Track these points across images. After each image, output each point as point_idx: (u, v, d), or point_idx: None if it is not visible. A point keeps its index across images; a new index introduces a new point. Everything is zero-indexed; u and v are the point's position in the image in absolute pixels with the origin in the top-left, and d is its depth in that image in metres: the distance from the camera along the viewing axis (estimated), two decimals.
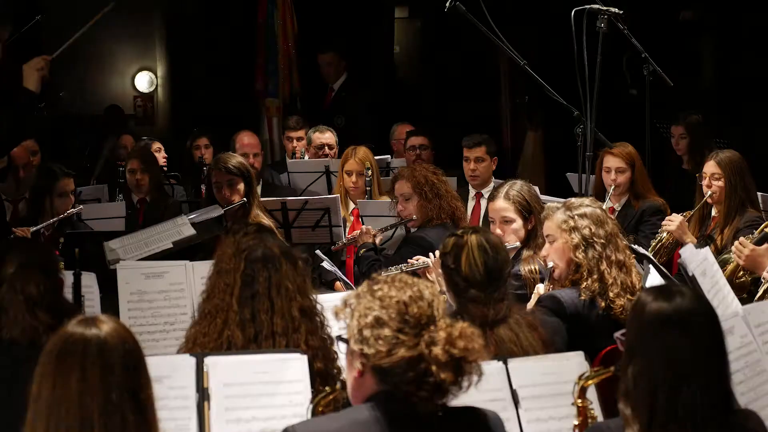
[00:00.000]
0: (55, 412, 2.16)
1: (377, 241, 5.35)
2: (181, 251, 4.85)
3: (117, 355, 2.20)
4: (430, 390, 2.29)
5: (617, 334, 2.70)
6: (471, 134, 6.38)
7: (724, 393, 2.41)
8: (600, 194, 5.61)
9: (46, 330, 3.04)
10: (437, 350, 2.28)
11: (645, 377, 2.38)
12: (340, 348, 2.43)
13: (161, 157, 7.45)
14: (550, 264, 3.81)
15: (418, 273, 4.50)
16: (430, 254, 4.43)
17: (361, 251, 5.22)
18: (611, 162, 5.63)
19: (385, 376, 2.30)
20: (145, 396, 2.24)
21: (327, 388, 2.63)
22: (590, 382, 2.78)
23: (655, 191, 5.74)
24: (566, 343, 3.54)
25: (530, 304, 3.83)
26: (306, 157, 7.60)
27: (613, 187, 5.60)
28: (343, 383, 2.50)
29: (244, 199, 5.15)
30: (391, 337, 2.29)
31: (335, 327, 3.36)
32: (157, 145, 7.54)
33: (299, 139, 7.75)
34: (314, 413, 2.59)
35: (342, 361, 3.20)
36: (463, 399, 2.37)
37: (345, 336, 2.39)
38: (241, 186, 5.18)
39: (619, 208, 5.68)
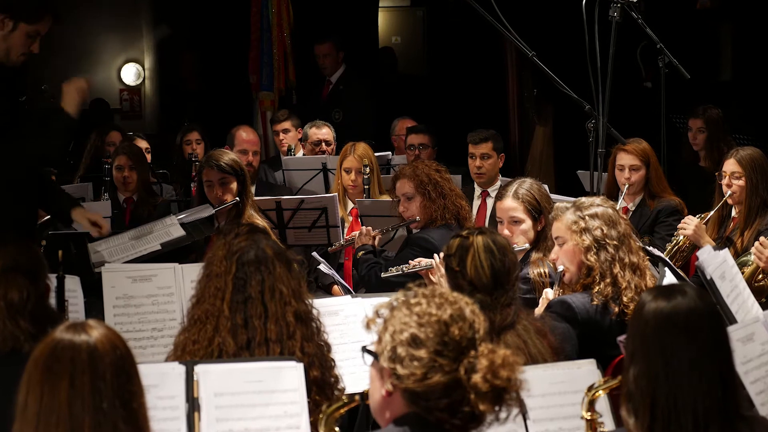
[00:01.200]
0: (43, 422, 2.16)
1: (376, 242, 5.34)
2: (170, 253, 4.84)
3: (108, 362, 2.21)
4: (464, 419, 2.23)
5: (620, 339, 2.70)
6: (476, 129, 6.39)
7: (728, 397, 2.41)
8: (613, 193, 5.60)
9: (28, 339, 3.03)
10: (477, 378, 2.22)
11: (645, 380, 2.40)
12: (365, 360, 2.34)
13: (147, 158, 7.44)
14: (560, 267, 3.81)
15: (420, 275, 4.50)
16: (435, 255, 4.42)
17: (359, 254, 5.22)
18: (625, 159, 5.62)
19: (417, 399, 2.24)
20: (138, 405, 2.24)
21: (344, 397, 2.53)
22: (598, 393, 2.78)
23: (671, 190, 5.73)
24: (577, 351, 3.54)
25: (539, 310, 3.83)
26: (300, 152, 7.60)
27: (626, 185, 5.59)
28: (363, 395, 2.43)
29: (237, 198, 5.15)
30: (427, 360, 2.22)
31: (333, 333, 3.38)
32: (143, 144, 7.54)
33: (285, 131, 7.75)
34: (327, 424, 2.51)
35: (340, 369, 3.21)
36: None
37: (371, 347, 2.31)
38: (234, 185, 5.18)
39: (633, 208, 5.67)
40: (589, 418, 2.77)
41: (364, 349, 2.34)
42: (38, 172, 4.70)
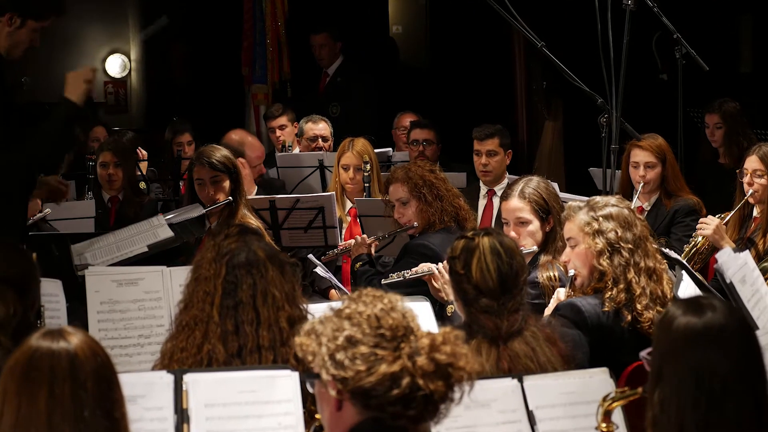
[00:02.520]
0: None
1: (373, 250, 5.33)
2: (158, 256, 4.84)
3: (89, 370, 2.22)
4: (419, 407, 2.28)
5: (643, 353, 2.69)
6: (482, 125, 6.38)
7: (761, 417, 2.39)
8: (627, 192, 5.60)
9: (5, 355, 3.02)
10: (421, 360, 2.29)
11: (673, 402, 2.37)
12: (309, 389, 2.41)
13: (141, 155, 7.42)
14: (572, 271, 3.80)
15: (424, 280, 4.49)
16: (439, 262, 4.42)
17: (357, 266, 5.21)
18: (639, 156, 5.61)
19: (368, 400, 2.29)
20: (120, 414, 2.25)
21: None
22: (615, 404, 2.77)
23: (688, 188, 5.72)
24: (588, 358, 3.53)
25: (548, 310, 3.82)
26: (297, 149, 7.60)
27: (641, 184, 5.58)
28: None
29: (230, 197, 5.15)
30: (368, 354, 2.29)
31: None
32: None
33: (282, 127, 7.74)
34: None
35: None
36: (474, 421, 2.37)
37: (313, 371, 2.35)
38: (227, 183, 5.17)
39: (648, 208, 5.67)
40: (604, 429, 2.76)
41: (306, 375, 2.40)
42: (32, 177, 4.76)
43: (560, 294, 3.89)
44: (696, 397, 2.36)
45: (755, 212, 5.31)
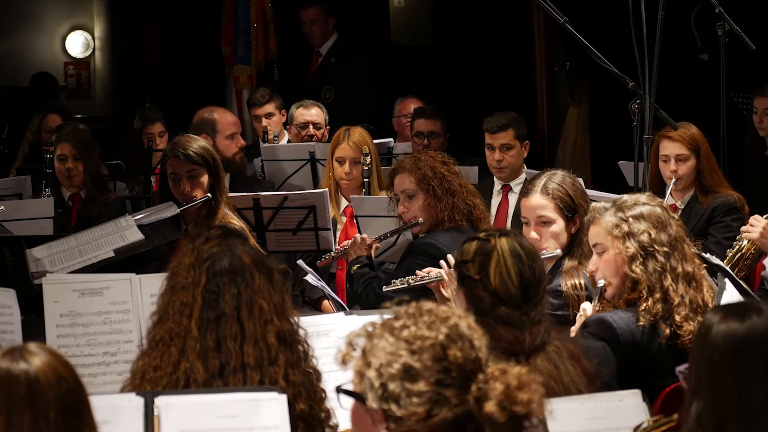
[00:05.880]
0: None
1: (373, 253, 5.33)
2: (126, 261, 4.85)
3: (51, 397, 2.20)
4: None
5: (680, 369, 2.70)
6: (493, 114, 6.37)
7: None
8: (657, 189, 5.60)
9: None
10: (492, 407, 2.23)
11: (711, 416, 2.39)
12: (342, 403, 2.34)
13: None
14: (601, 282, 3.80)
15: (431, 288, 4.49)
16: (442, 263, 4.42)
17: (354, 267, 5.21)
18: (669, 148, 5.62)
19: None
20: None
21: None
22: None
23: (727, 183, 5.73)
24: (616, 375, 3.54)
25: (574, 329, 3.82)
26: (285, 140, 7.60)
27: (673, 180, 5.59)
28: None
29: (209, 194, 5.15)
30: (429, 393, 2.22)
31: (323, 358, 3.37)
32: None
33: (269, 115, 7.75)
34: None
35: (332, 401, 3.21)
36: None
37: (348, 387, 2.30)
38: (205, 178, 5.18)
39: (682, 207, 5.68)
40: None
41: (342, 390, 2.33)
42: None
43: (587, 310, 3.88)
44: (737, 410, 2.36)
45: None
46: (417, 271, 4.59)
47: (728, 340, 2.41)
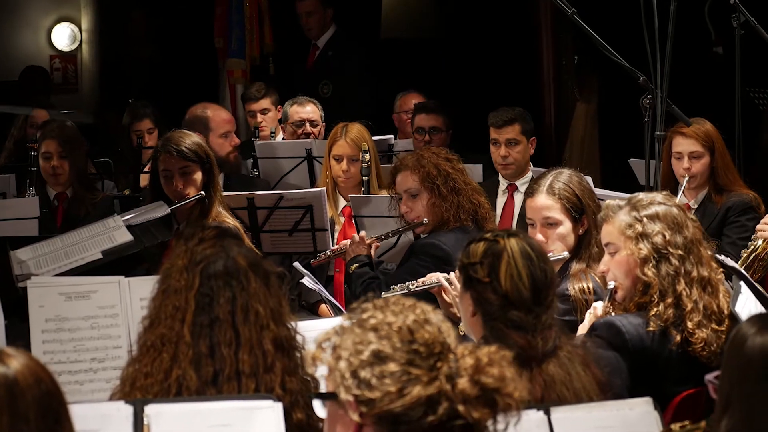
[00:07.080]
0: None
1: (373, 252, 5.34)
2: (115, 264, 4.85)
3: (31, 399, 2.22)
4: None
5: (709, 377, 2.69)
6: (499, 108, 6.38)
7: None
8: (670, 187, 5.60)
9: None
10: (463, 382, 2.29)
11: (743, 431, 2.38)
12: (319, 410, 2.40)
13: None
14: (612, 283, 3.80)
15: (432, 293, 4.49)
16: (440, 277, 4.42)
17: (353, 267, 5.21)
18: (682, 145, 5.62)
19: (396, 427, 2.29)
20: None
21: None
22: None
23: (742, 182, 5.73)
24: (628, 386, 3.54)
25: (582, 329, 3.82)
26: (280, 137, 7.60)
27: (686, 178, 5.59)
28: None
29: (202, 192, 5.16)
30: (400, 372, 2.29)
31: (320, 366, 3.38)
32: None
33: (264, 111, 7.75)
34: None
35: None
36: None
37: (326, 390, 2.35)
38: (198, 175, 5.19)
39: (695, 206, 5.68)
40: None
41: (319, 395, 2.39)
42: None
43: (597, 309, 3.89)
44: None
45: None
46: (419, 277, 4.60)
47: (765, 355, 2.41)
